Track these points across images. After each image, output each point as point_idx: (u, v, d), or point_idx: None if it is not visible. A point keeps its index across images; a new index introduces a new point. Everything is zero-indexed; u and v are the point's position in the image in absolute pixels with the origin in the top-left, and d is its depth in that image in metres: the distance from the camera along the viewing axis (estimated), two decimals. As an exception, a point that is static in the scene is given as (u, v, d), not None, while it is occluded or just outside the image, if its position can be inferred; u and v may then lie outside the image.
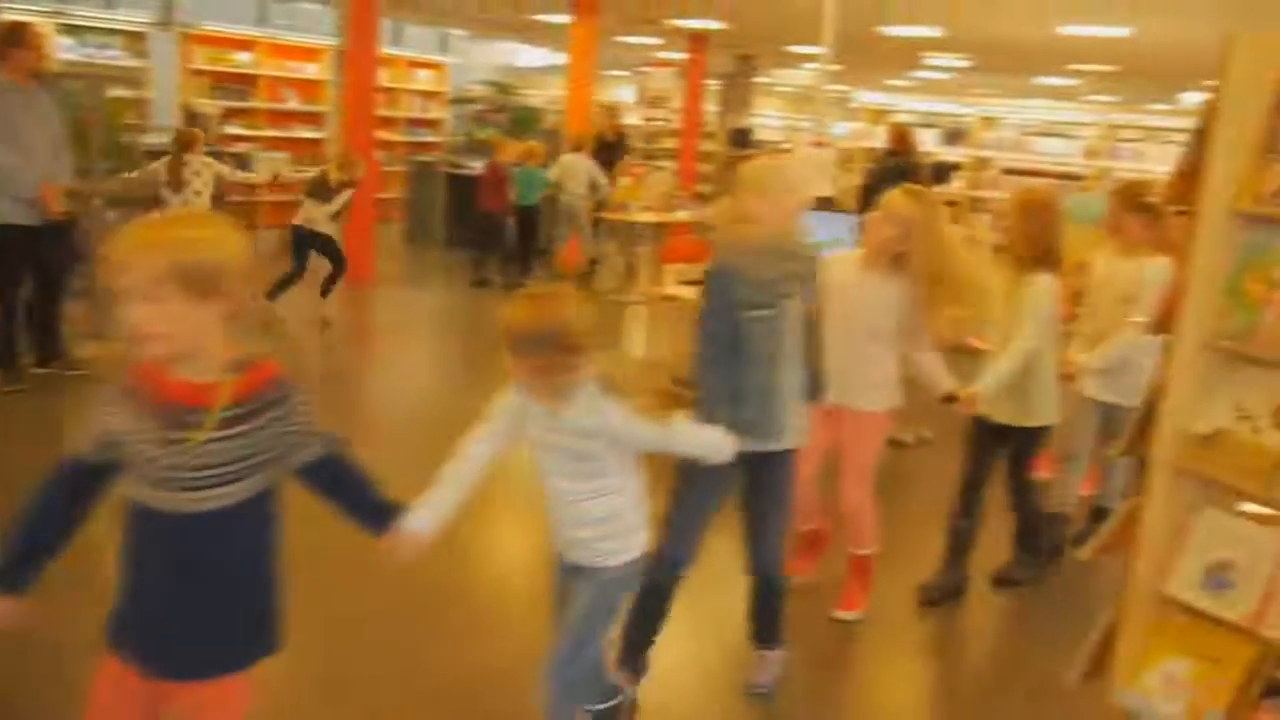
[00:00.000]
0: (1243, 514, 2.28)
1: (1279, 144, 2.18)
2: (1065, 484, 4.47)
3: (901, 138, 8.27)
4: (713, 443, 2.63)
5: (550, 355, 2.28)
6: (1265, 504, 2.23)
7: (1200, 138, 2.31)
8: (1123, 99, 20.00)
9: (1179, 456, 2.33)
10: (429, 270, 11.63)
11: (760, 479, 3.10)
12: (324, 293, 8.14)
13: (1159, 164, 9.48)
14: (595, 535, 2.48)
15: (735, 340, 2.94)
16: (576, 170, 10.36)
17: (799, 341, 3.06)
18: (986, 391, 3.75)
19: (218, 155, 8.89)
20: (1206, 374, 2.32)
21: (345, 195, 8.02)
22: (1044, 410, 3.99)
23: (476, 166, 11.63)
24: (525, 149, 10.42)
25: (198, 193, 7.80)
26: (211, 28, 12.39)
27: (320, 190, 7.92)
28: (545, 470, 2.48)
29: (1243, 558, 2.22)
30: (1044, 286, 3.83)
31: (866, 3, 9.43)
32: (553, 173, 10.40)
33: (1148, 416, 2.41)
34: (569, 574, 2.58)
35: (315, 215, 7.88)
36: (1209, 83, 2.34)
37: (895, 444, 5.69)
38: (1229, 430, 2.26)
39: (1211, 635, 2.27)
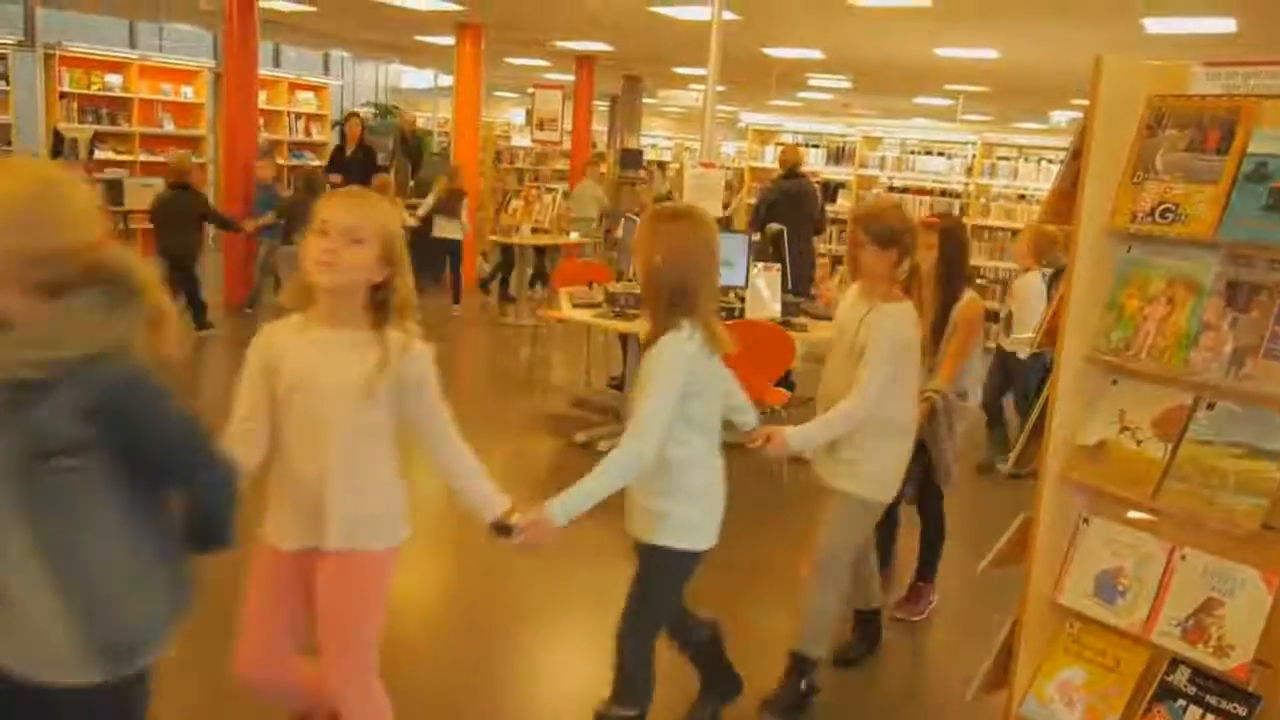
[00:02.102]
0: (1130, 523, 2.34)
1: (1150, 164, 2.26)
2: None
3: (797, 158, 8.41)
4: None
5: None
6: (1150, 512, 2.30)
7: (1076, 157, 2.39)
8: (996, 118, 20.82)
9: (1066, 468, 2.39)
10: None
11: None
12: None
13: (1033, 181, 9.84)
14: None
15: None
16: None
17: None
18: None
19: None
20: (1090, 387, 2.39)
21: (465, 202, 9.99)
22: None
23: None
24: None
25: None
26: (79, 49, 11.88)
27: (449, 206, 9.85)
28: None
29: (1131, 566, 2.28)
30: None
31: (750, 25, 9.60)
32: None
33: (1035, 431, 2.47)
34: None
35: (449, 228, 9.82)
36: (1078, 102, 2.41)
37: (795, 460, 5.76)
38: (1113, 441, 2.33)
39: (1105, 643, 2.32)
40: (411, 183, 12.41)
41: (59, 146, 10.76)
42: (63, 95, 11.59)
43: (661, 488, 2.64)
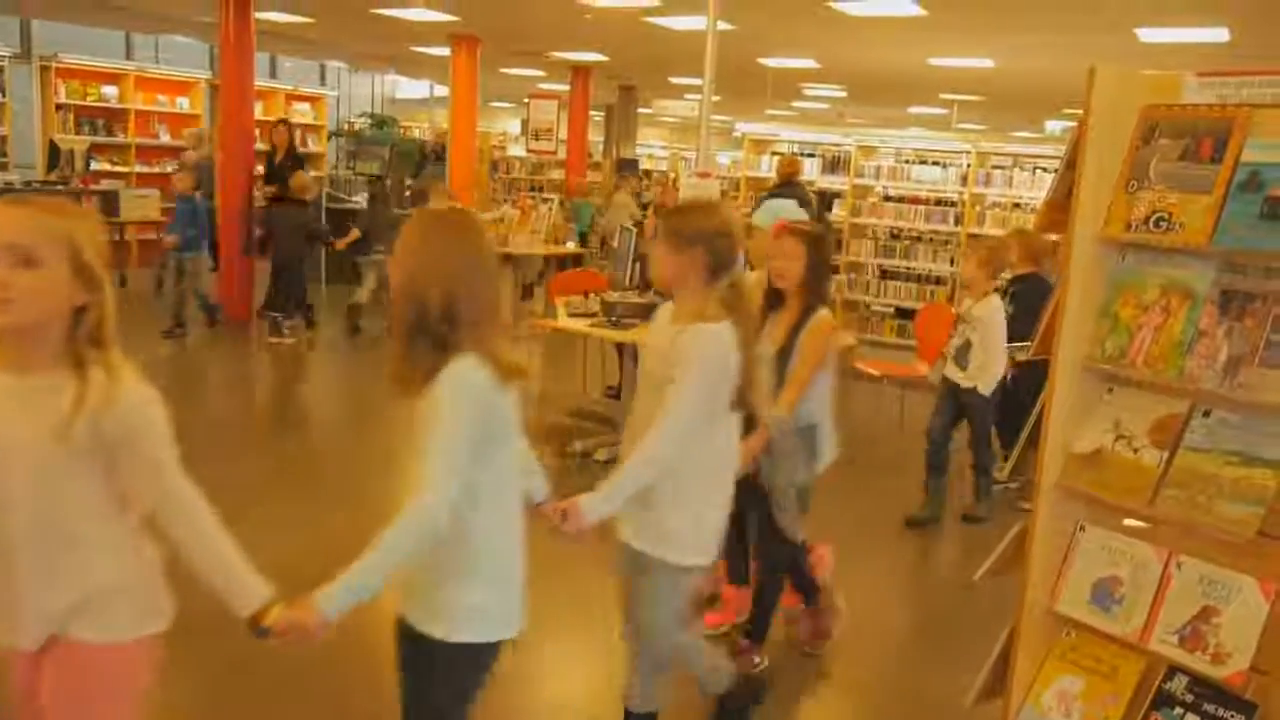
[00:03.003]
0: (1126, 531, 2.34)
1: (1144, 174, 2.27)
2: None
3: (794, 167, 8.43)
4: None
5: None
6: (1146, 520, 2.31)
7: (1069, 167, 2.40)
8: (991, 127, 20.90)
9: (1062, 476, 2.39)
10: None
11: None
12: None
13: (1027, 190, 9.87)
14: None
15: None
16: None
17: None
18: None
19: (78, 194, 8.50)
20: (1085, 396, 2.40)
21: None
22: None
23: (359, 201, 11.42)
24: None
25: None
26: (75, 60, 11.90)
27: None
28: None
29: (1128, 574, 2.28)
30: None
31: (745, 34, 9.64)
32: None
33: (1032, 439, 2.48)
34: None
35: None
36: (1072, 111, 2.43)
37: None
38: (1109, 449, 2.33)
39: (1102, 650, 2.32)
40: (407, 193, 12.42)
41: (55, 158, 10.77)
42: (59, 107, 11.62)
43: (445, 566, 2.10)
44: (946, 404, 5.44)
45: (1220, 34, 8.03)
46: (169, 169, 11.20)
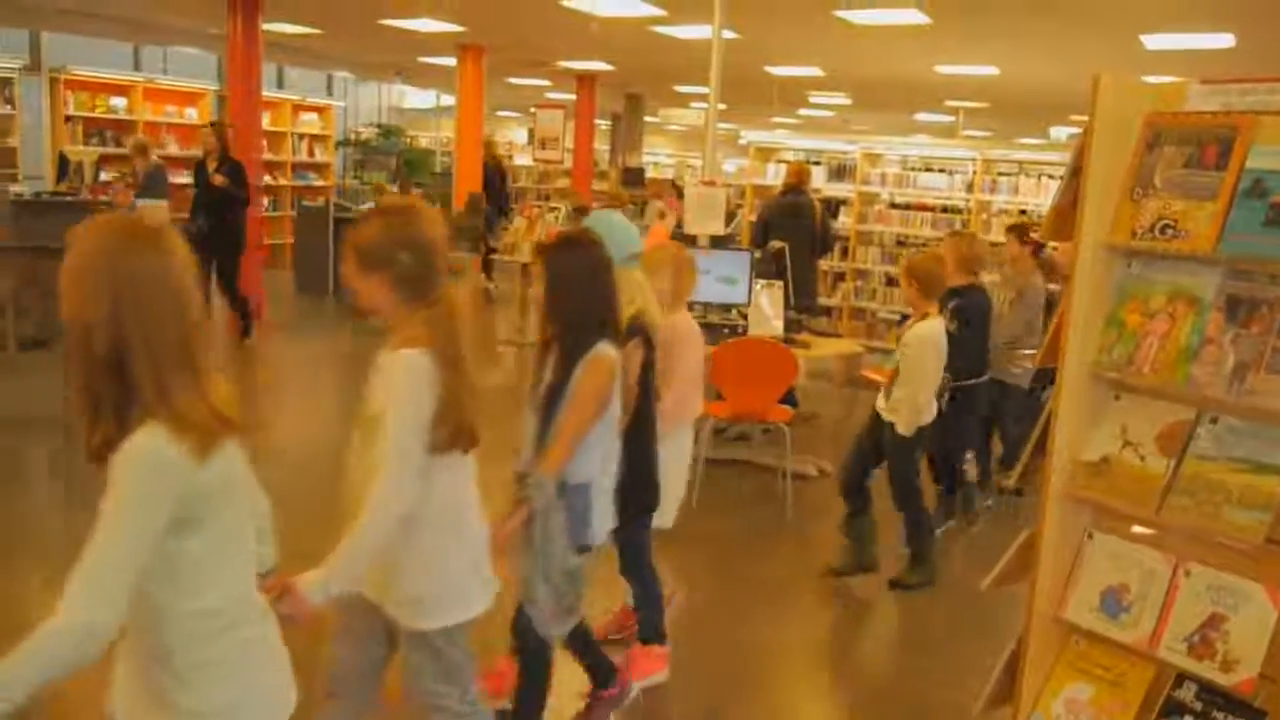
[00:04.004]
0: (1134, 538, 2.34)
1: (1148, 181, 2.28)
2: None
3: (799, 175, 8.47)
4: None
5: None
6: (1154, 528, 2.30)
7: (1074, 175, 2.40)
8: (996, 134, 20.89)
9: (1069, 485, 2.39)
10: (319, 317, 11.36)
11: None
12: None
13: (1033, 197, 9.86)
14: None
15: None
16: None
17: None
18: None
19: (88, 205, 8.44)
20: (1092, 403, 2.40)
21: None
22: None
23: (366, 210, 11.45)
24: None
25: None
26: (84, 72, 11.97)
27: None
28: None
29: (1136, 581, 2.28)
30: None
31: (750, 43, 9.66)
32: None
33: (1038, 447, 2.48)
34: None
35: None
36: (1077, 118, 2.44)
37: (798, 477, 5.77)
38: (1116, 457, 2.33)
39: (1111, 658, 2.32)
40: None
41: (64, 169, 10.82)
42: (68, 118, 11.69)
43: (158, 671, 1.73)
44: (865, 431, 4.75)
45: (1225, 40, 8.03)
46: (182, 179, 11.25)
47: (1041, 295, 5.88)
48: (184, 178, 12.31)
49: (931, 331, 4.49)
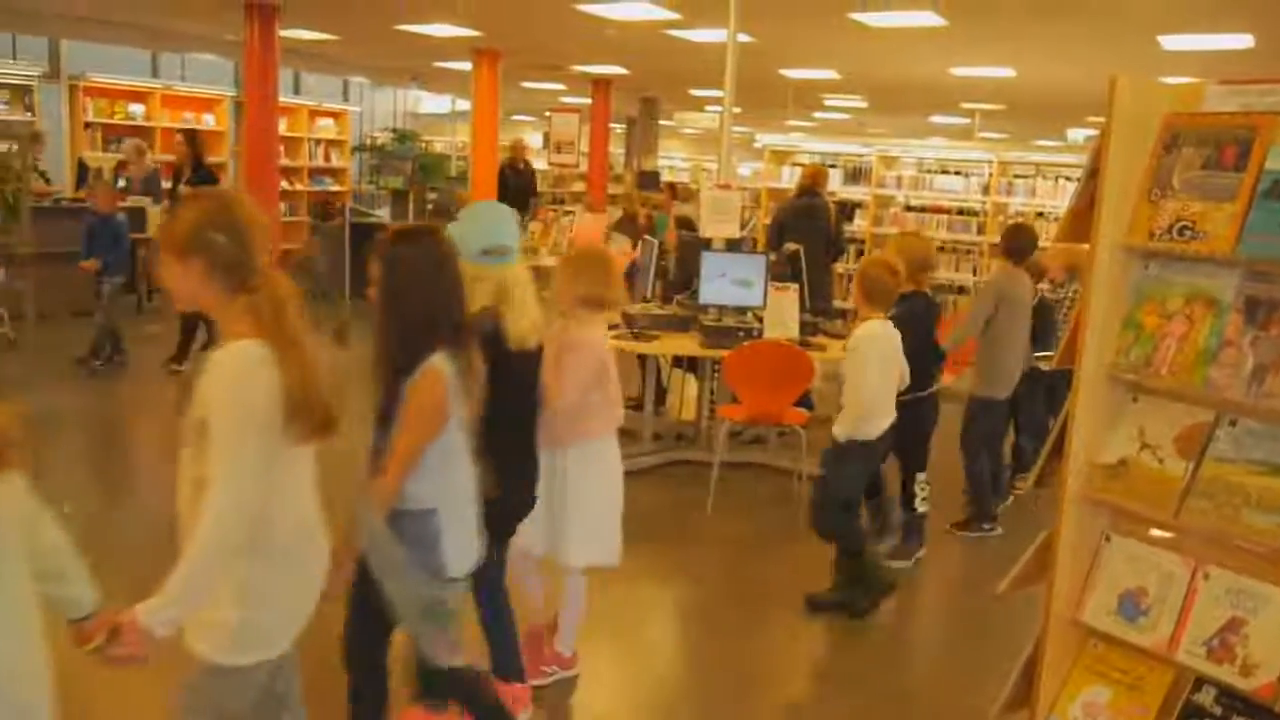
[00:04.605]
0: (1152, 541, 2.33)
1: (1167, 182, 2.27)
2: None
3: (814, 177, 8.45)
4: None
5: None
6: (1172, 531, 2.29)
7: (1091, 176, 2.39)
8: (1013, 136, 20.81)
9: (1087, 487, 2.38)
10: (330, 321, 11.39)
11: None
12: None
13: (1050, 199, 9.83)
14: None
15: None
16: None
17: None
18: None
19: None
20: (1109, 405, 2.39)
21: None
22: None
23: (384, 215, 11.51)
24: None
25: None
26: (102, 79, 12.07)
27: (627, 226, 9.33)
28: None
29: (1154, 584, 2.26)
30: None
31: (766, 46, 9.66)
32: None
33: (1055, 449, 2.47)
34: None
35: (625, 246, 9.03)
36: (1094, 119, 2.42)
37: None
38: (1134, 459, 2.32)
39: (1129, 662, 2.31)
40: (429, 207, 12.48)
41: (83, 175, 10.91)
42: (87, 125, 11.80)
43: None
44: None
45: (1245, 40, 7.98)
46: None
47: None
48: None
49: (870, 333, 4.17)
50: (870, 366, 4.15)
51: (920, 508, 4.93)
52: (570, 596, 3.59)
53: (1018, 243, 5.41)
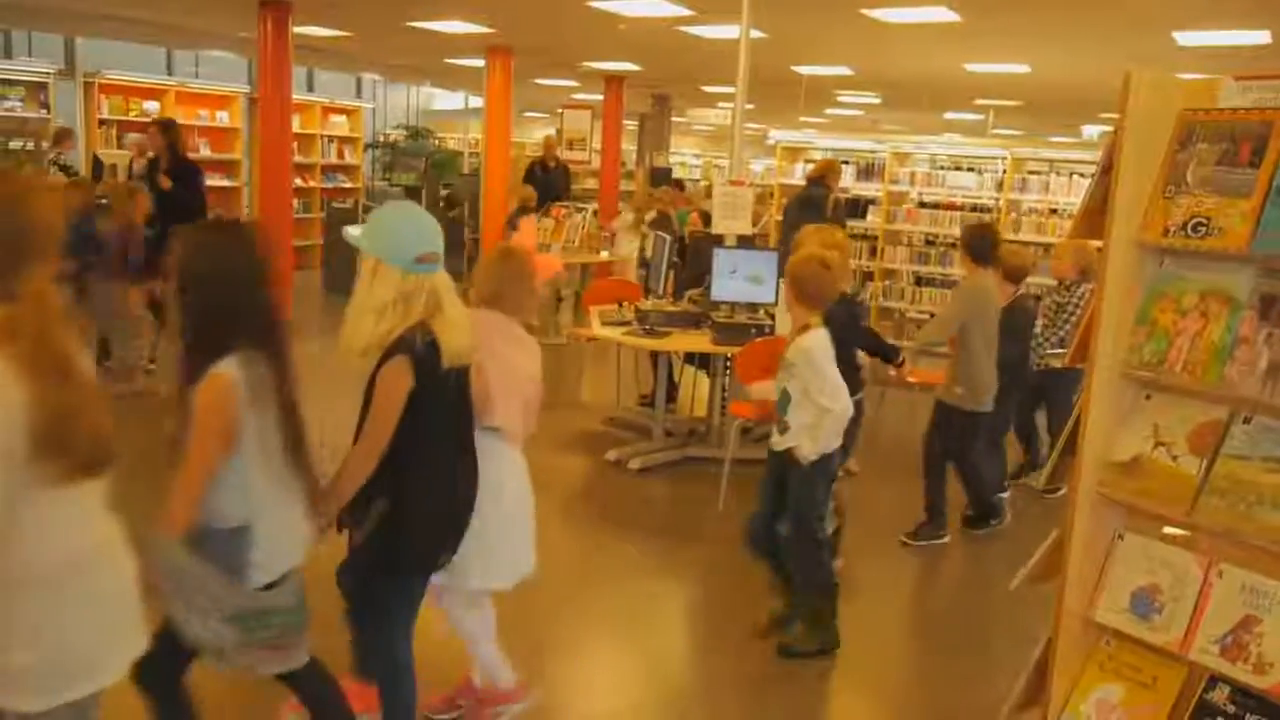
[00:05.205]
0: (1166, 539, 2.32)
1: (1181, 178, 2.26)
2: None
3: (822, 169, 8.40)
4: None
5: None
6: (1186, 528, 2.28)
7: (1106, 173, 2.38)
8: (1027, 132, 20.72)
9: (1100, 484, 2.37)
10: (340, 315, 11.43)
11: None
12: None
13: (1064, 195, 9.77)
14: None
15: None
16: None
17: None
18: None
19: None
20: (1123, 403, 2.38)
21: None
22: None
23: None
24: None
25: None
26: (117, 76, 12.12)
27: (662, 225, 9.01)
28: None
29: (1168, 582, 2.26)
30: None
31: (778, 42, 9.64)
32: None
33: (1068, 447, 2.46)
34: None
35: (646, 245, 9.01)
36: (1109, 115, 2.41)
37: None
38: (1147, 456, 2.31)
39: (1142, 659, 2.30)
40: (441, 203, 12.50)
41: (99, 172, 10.96)
42: (102, 122, 11.84)
43: None
44: (770, 479, 4.00)
45: (1261, 36, 7.92)
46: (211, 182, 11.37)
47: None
48: (221, 180, 12.50)
49: (814, 344, 3.79)
50: (831, 372, 3.79)
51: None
52: (471, 628, 3.21)
53: (979, 244, 5.20)
